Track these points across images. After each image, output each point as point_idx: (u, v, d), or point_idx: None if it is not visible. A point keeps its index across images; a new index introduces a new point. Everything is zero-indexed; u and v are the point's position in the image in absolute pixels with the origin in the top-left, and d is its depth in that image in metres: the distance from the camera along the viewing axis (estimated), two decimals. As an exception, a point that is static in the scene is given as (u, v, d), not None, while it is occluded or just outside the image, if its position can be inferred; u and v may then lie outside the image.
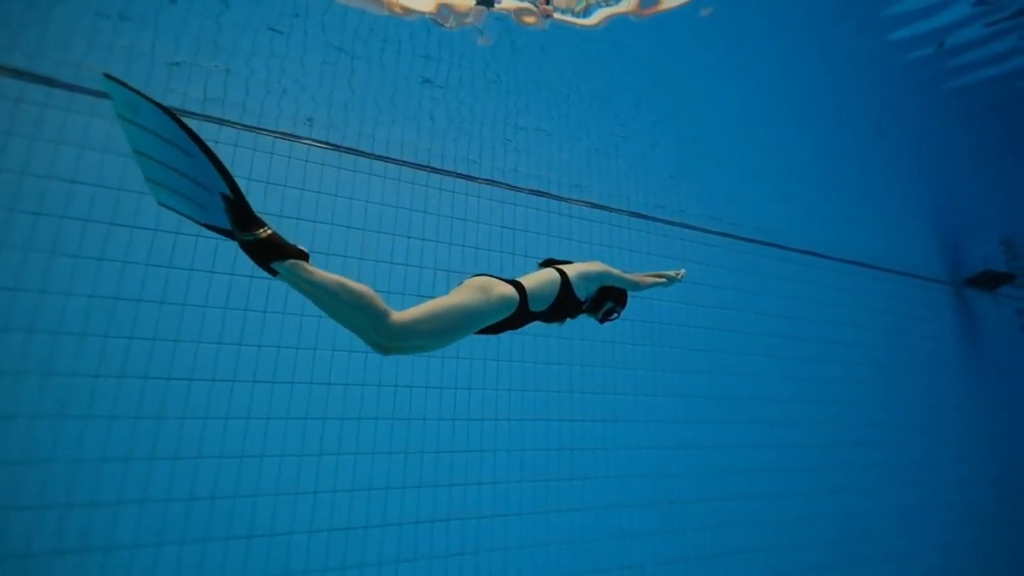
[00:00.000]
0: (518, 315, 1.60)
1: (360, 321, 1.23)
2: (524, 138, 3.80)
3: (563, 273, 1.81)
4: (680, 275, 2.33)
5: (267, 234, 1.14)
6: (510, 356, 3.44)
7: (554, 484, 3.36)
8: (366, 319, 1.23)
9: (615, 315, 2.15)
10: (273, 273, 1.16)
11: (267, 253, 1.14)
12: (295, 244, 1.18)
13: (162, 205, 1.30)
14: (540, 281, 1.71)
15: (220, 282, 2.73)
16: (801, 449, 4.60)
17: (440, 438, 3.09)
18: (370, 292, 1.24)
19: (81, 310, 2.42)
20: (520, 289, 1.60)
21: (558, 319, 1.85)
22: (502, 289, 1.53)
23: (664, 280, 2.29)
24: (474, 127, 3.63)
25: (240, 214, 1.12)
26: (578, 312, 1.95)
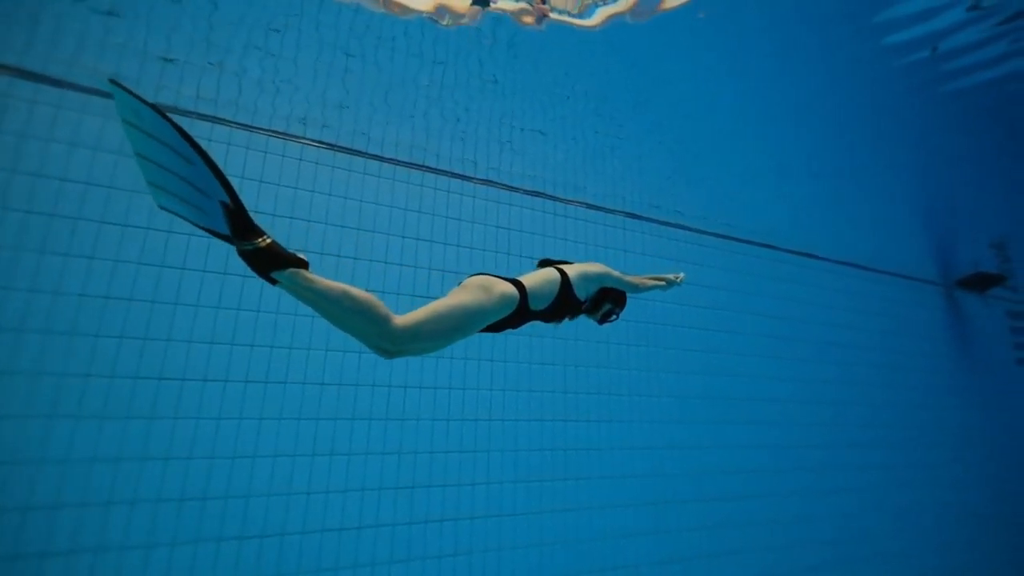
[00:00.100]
0: (518, 314, 1.59)
1: (363, 327, 1.22)
2: (520, 138, 3.80)
3: (563, 273, 1.81)
4: (679, 279, 2.35)
5: (266, 243, 1.12)
6: (504, 356, 3.43)
7: (548, 485, 3.36)
8: (370, 325, 1.22)
9: (614, 316, 2.15)
10: (272, 282, 1.14)
11: (266, 262, 1.12)
12: (295, 252, 1.15)
13: (162, 208, 1.29)
14: (540, 280, 1.71)
15: (212, 281, 2.71)
16: (797, 450, 4.60)
17: (434, 438, 3.08)
18: (372, 298, 1.23)
19: (71, 309, 2.40)
20: (520, 288, 1.59)
21: (557, 319, 1.85)
22: (503, 287, 1.52)
23: (663, 283, 2.31)
24: (470, 127, 3.62)
25: (239, 223, 1.10)
26: (577, 312, 1.95)
